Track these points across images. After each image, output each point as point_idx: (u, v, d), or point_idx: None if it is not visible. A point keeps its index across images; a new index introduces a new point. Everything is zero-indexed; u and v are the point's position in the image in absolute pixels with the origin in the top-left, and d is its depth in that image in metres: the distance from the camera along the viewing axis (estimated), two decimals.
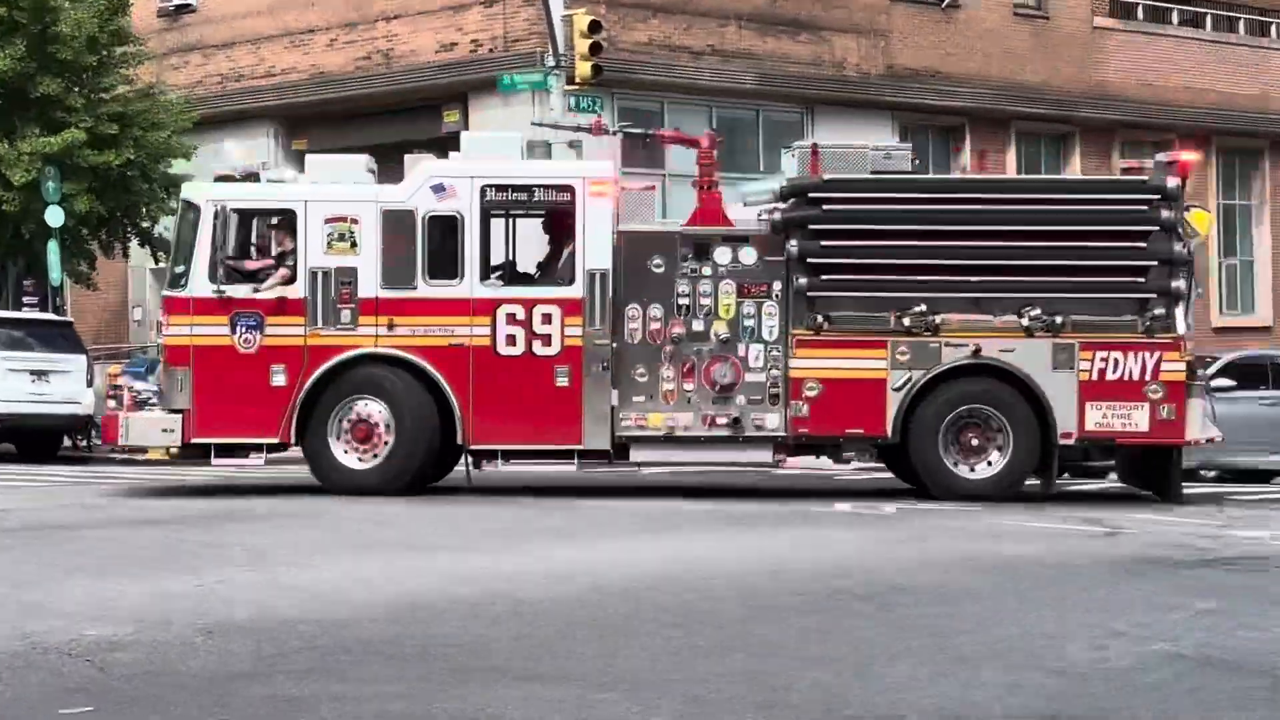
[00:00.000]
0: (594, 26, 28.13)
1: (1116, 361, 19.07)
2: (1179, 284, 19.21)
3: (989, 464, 19.33)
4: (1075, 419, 19.09)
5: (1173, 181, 19.20)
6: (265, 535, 15.37)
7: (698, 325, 19.34)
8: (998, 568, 13.10)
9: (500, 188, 19.54)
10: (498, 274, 19.72)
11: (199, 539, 15.09)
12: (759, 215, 19.71)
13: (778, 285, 19.28)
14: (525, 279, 19.99)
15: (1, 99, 31.02)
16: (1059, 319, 19.09)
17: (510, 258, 20.12)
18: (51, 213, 30.56)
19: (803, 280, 19.23)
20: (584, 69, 27.89)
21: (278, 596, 11.51)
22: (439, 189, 19.31)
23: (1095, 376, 19.09)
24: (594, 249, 19.26)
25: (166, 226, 32.73)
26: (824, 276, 19.37)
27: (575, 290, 19.31)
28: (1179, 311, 19.21)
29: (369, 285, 19.34)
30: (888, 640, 9.82)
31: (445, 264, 19.44)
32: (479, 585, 12.02)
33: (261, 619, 10.55)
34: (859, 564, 13.36)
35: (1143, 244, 19.26)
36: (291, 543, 14.69)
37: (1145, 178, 19.84)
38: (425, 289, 19.36)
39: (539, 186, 19.67)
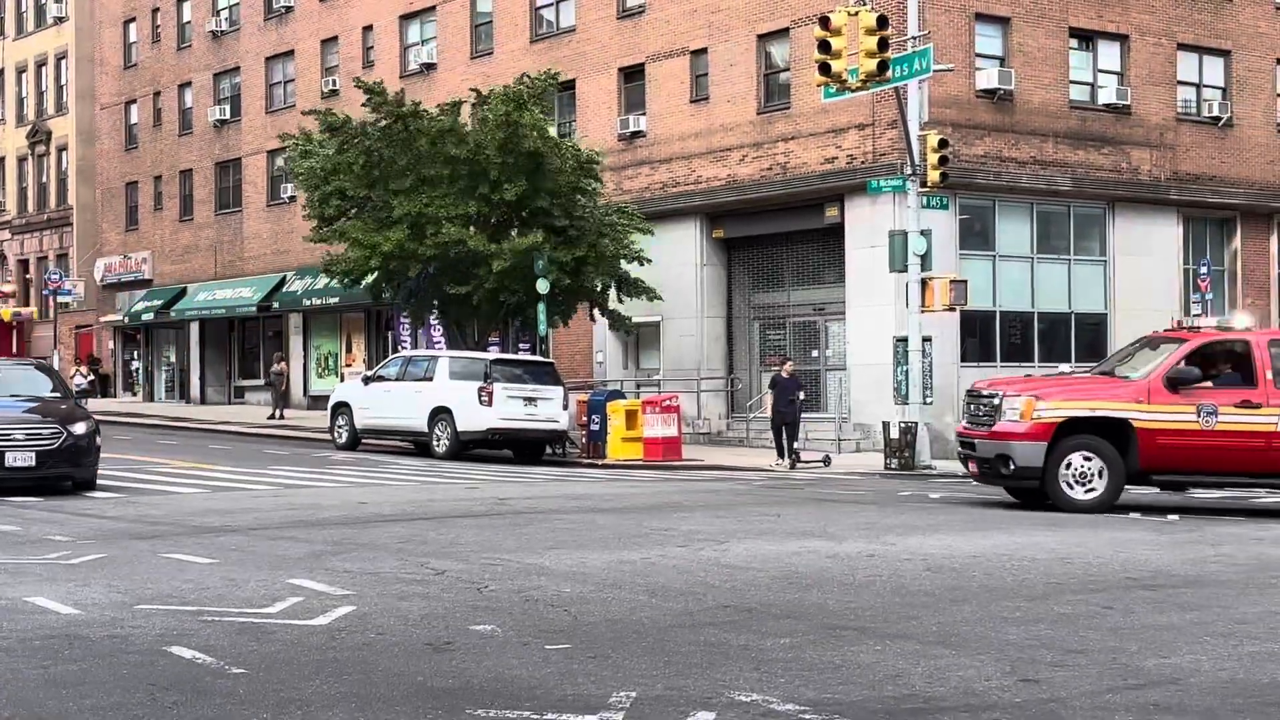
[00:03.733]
0: (942, 143, 28.00)
1: None
2: None
3: None
4: None
5: None
6: (692, 523, 15.76)
7: None
8: None
9: None
10: None
11: (649, 524, 15.57)
12: None
13: None
14: None
15: (508, 212, 32.81)
16: None
17: None
18: (541, 283, 31.76)
19: None
20: (934, 176, 27.76)
21: (700, 568, 11.87)
22: None
23: None
24: None
25: (621, 301, 33.94)
26: None
27: None
28: None
29: None
30: (1165, 619, 9.67)
31: None
32: (845, 563, 12.20)
33: (689, 585, 10.92)
34: (1134, 558, 13.09)
35: None
36: (715, 529, 15.06)
37: None
38: None
39: None
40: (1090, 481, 18.09)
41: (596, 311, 34.78)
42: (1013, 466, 18.23)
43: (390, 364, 32.37)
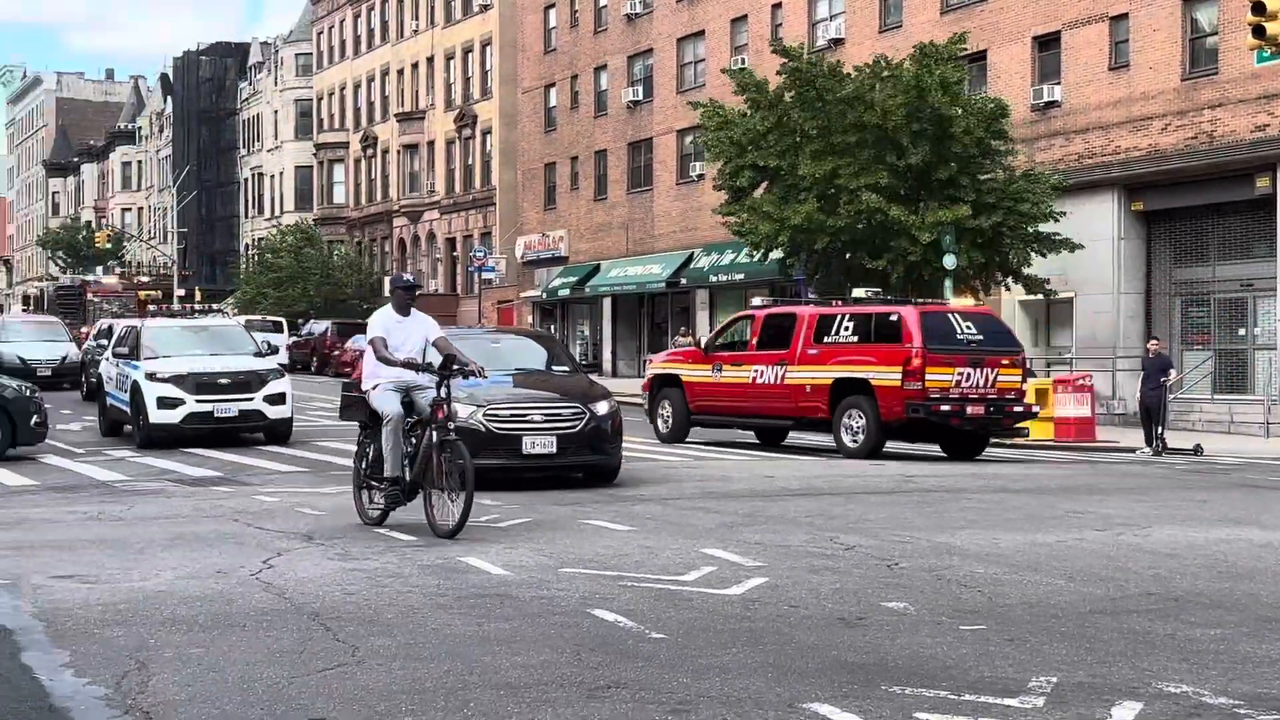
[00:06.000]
0: None
1: None
2: None
3: None
4: None
5: None
6: (1109, 506, 15.20)
7: None
8: None
9: None
10: None
11: (1063, 506, 15.13)
12: None
13: None
14: None
15: (914, 182, 32.24)
16: None
17: None
18: (948, 259, 31.28)
19: None
20: None
21: (1121, 553, 11.44)
22: None
23: None
24: None
25: (1034, 271, 32.92)
26: None
27: None
28: None
29: None
30: None
31: None
32: (1277, 553, 11.53)
33: (1109, 570, 10.54)
34: None
35: None
36: (1133, 513, 14.47)
37: None
38: None
39: None
40: (666, 419, 24.97)
41: (1010, 280, 33.80)
42: (644, 408, 25.93)
43: None
